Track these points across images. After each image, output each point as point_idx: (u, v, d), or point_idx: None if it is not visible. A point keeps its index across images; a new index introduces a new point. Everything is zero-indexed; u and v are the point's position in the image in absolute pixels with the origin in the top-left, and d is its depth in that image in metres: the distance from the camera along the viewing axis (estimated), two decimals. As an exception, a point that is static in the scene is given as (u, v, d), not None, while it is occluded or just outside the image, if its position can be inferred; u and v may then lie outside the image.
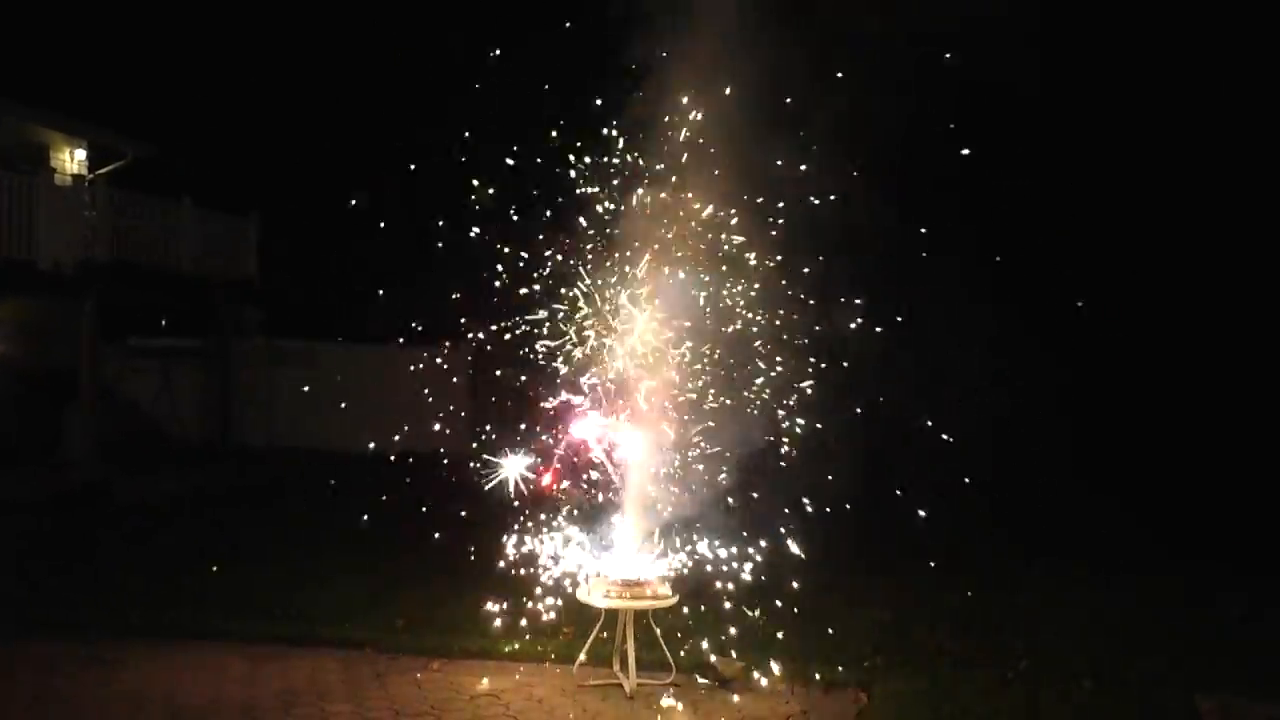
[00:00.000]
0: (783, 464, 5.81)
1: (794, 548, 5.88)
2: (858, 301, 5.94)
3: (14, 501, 11.54)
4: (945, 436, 6.41)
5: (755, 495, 5.87)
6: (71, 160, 17.00)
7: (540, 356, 5.84)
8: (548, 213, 5.82)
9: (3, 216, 12.82)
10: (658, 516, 5.87)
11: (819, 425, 5.81)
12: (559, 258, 5.77)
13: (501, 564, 6.05)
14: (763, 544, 5.98)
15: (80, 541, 9.85)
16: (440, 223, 6.04)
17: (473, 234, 5.84)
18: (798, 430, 5.78)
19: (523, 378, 5.86)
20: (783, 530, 5.91)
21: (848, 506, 6.05)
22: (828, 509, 5.95)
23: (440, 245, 6.01)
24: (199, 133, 21.82)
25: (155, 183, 16.22)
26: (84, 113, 17.12)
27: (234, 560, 8.78)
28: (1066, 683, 6.01)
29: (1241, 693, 5.89)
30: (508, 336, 5.89)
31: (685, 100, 5.58)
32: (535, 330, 5.84)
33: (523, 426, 5.87)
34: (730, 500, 5.86)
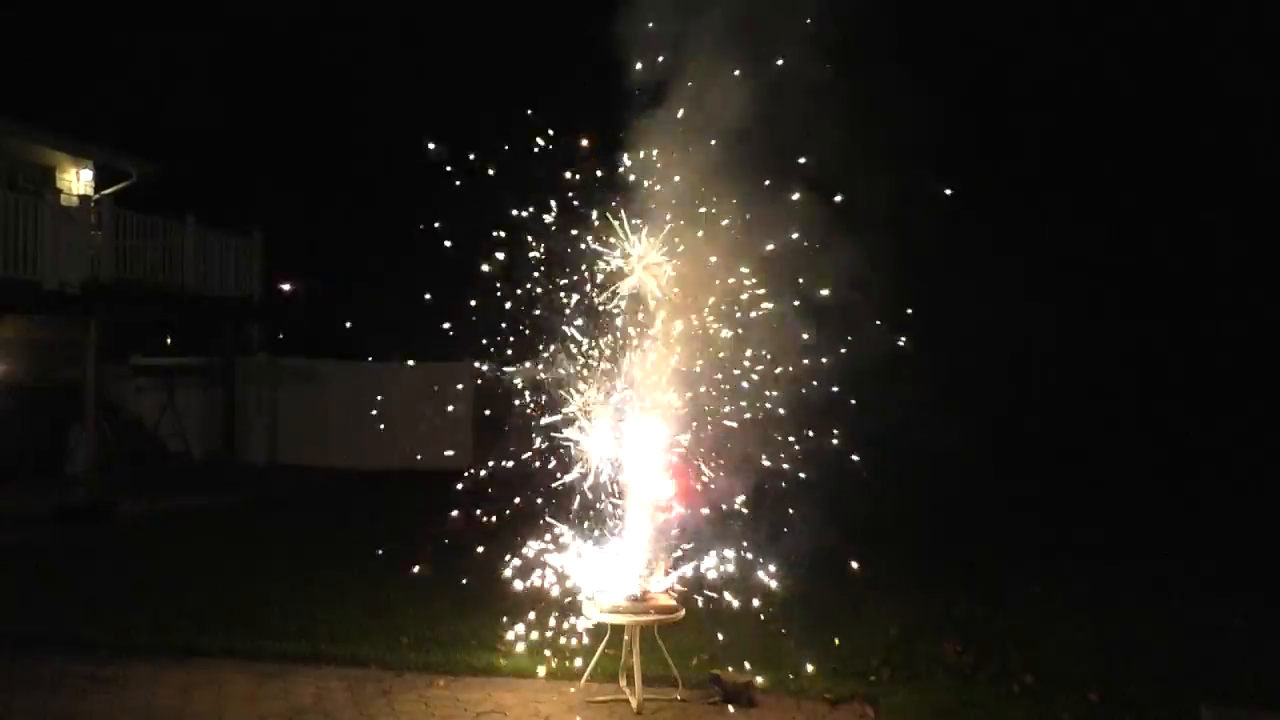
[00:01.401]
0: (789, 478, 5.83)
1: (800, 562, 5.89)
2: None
3: (19, 518, 11.58)
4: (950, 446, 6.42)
5: (763, 509, 5.88)
6: (78, 180, 17.12)
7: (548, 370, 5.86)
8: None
9: (9, 237, 12.90)
10: (665, 530, 5.88)
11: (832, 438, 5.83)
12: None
13: (507, 580, 6.05)
14: (769, 558, 5.98)
15: (84, 558, 9.85)
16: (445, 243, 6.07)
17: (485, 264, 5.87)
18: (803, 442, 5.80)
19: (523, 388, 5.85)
20: (789, 545, 5.92)
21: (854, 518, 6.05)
22: (835, 523, 5.96)
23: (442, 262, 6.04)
24: (203, 153, 21.97)
25: (160, 202, 16.34)
26: (90, 134, 17.25)
27: (238, 577, 8.78)
28: (1072, 696, 6.00)
29: (1247, 704, 5.88)
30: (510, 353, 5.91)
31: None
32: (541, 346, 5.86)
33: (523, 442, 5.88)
34: (738, 513, 5.87)
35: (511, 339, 5.88)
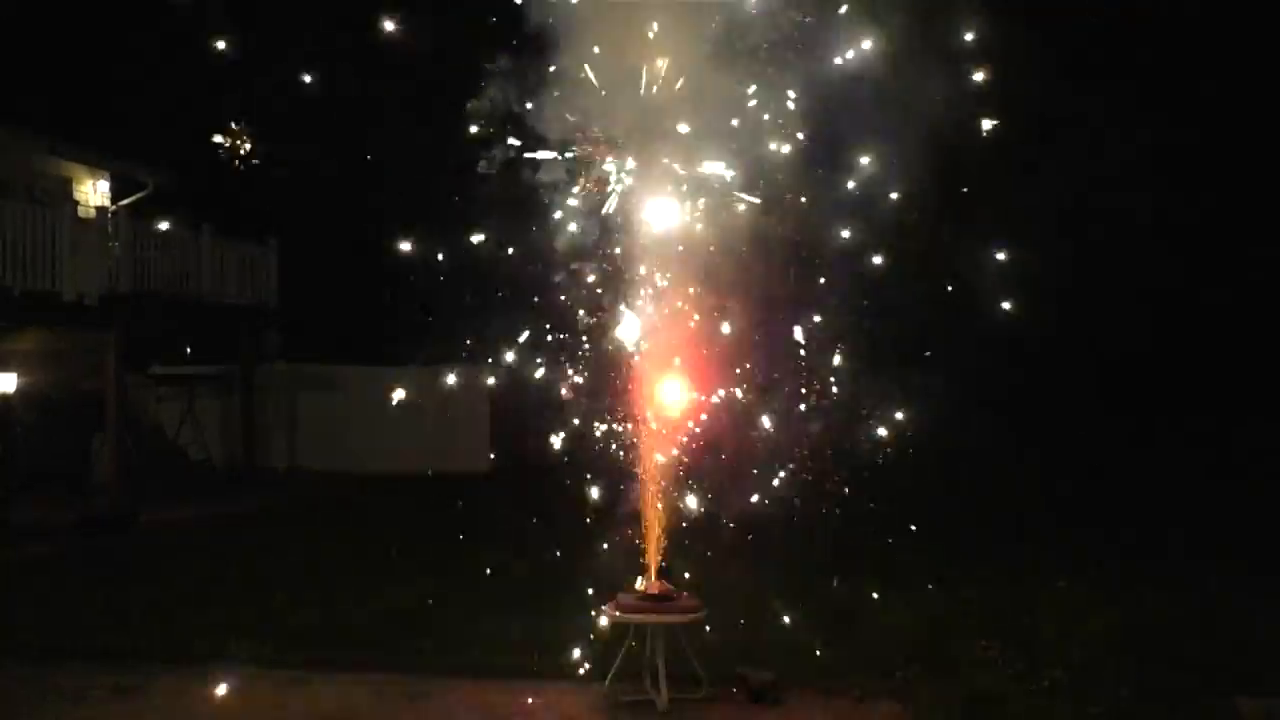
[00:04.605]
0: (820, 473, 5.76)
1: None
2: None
3: (42, 528, 11.64)
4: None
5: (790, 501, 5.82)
6: (94, 192, 17.21)
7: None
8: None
9: (27, 249, 12.97)
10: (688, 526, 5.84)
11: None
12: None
13: (530, 581, 6.02)
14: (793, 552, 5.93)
15: (107, 568, 9.88)
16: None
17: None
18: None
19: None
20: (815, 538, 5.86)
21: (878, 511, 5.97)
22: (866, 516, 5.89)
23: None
24: (218, 162, 22.02)
25: (176, 212, 16.38)
26: (107, 145, 17.31)
27: (260, 584, 8.78)
28: (1104, 691, 5.90)
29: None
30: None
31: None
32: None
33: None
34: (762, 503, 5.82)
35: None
